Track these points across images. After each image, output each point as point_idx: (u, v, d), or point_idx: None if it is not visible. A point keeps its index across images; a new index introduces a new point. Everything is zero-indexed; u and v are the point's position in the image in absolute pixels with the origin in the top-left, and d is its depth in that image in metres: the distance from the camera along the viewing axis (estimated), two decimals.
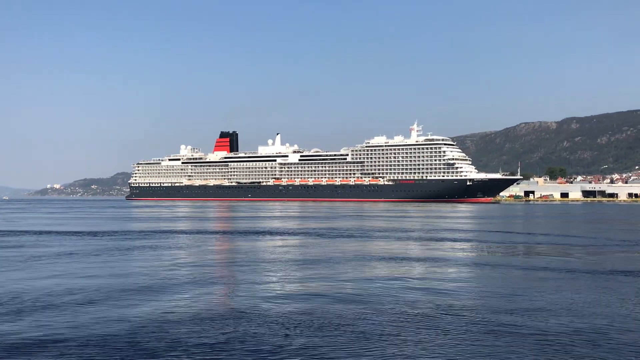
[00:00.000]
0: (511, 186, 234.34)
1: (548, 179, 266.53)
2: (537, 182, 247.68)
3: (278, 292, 16.59)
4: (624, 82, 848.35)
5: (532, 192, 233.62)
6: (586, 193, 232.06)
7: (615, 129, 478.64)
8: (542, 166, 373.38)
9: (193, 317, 13.14)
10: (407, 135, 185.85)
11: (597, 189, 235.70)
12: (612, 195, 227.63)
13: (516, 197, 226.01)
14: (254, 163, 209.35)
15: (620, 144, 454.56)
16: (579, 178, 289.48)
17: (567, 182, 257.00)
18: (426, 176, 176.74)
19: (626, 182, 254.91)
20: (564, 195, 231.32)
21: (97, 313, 13.53)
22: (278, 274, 20.11)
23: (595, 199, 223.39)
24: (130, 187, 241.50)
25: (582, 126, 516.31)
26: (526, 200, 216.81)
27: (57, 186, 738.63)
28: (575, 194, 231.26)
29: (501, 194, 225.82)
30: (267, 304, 14.75)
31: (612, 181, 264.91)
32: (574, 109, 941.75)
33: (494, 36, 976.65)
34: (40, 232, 40.73)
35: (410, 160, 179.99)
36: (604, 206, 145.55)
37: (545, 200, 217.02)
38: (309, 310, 13.88)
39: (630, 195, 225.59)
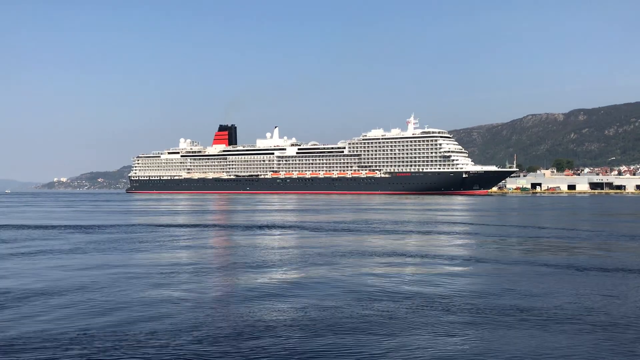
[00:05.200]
0: (518, 178, 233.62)
1: (555, 171, 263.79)
2: (544, 174, 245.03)
3: (275, 287, 15.92)
4: (631, 74, 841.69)
5: (539, 185, 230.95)
6: (593, 185, 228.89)
7: (623, 120, 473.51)
8: (549, 158, 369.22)
9: (187, 311, 12.80)
10: (405, 128, 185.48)
11: (604, 181, 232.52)
12: (619, 187, 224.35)
13: (523, 189, 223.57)
14: (252, 156, 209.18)
15: (628, 135, 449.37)
16: (586, 170, 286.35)
17: (574, 174, 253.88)
18: (422, 169, 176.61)
19: (634, 174, 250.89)
20: (571, 187, 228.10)
21: (90, 304, 13.35)
22: (276, 268, 19.51)
23: (602, 191, 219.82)
24: (131, 180, 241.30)
25: (589, 118, 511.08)
26: (533, 193, 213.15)
27: (63, 179, 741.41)
28: (582, 186, 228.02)
29: (508, 186, 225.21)
30: (263, 297, 14.39)
31: (619, 173, 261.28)
32: (581, 100, 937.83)
33: (501, 28, 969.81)
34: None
35: (407, 153, 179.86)
36: (610, 198, 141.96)
37: (552, 193, 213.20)
38: (306, 306, 13.36)
39: (638, 187, 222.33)
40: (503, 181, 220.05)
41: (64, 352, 9.74)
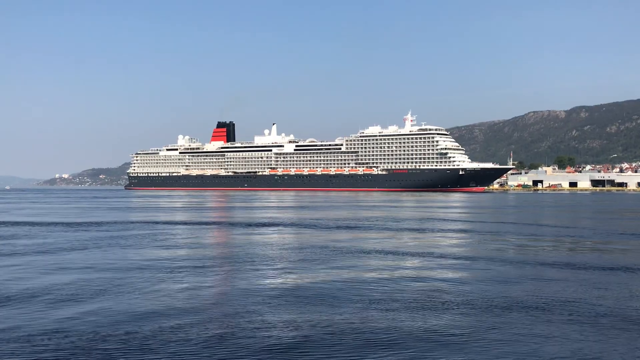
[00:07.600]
0: (520, 175, 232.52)
1: (557, 168, 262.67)
2: (546, 171, 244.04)
3: (274, 284, 15.81)
4: (633, 71, 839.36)
5: (541, 182, 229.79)
6: (595, 182, 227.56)
7: (625, 117, 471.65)
8: (550, 155, 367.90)
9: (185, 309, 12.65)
10: (402, 125, 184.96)
11: (606, 178, 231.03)
12: (621, 184, 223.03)
13: (524, 186, 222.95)
14: (250, 153, 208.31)
15: (630, 132, 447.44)
16: (588, 167, 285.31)
17: (575, 171, 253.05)
18: (419, 166, 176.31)
19: (636, 171, 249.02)
20: (573, 184, 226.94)
21: (89, 305, 12.96)
22: (274, 266, 19.21)
23: (604, 188, 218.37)
24: (129, 177, 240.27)
25: (591, 115, 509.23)
26: (534, 190, 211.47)
27: (65, 176, 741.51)
28: (584, 183, 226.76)
29: (509, 183, 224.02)
30: (262, 294, 14.30)
31: (621, 170, 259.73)
32: (583, 97, 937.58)
33: (502, 24, 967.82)
34: None
35: (404, 150, 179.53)
36: (612, 196, 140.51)
37: (554, 190, 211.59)
38: (303, 305, 13.13)
39: (639, 184, 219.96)
40: (504, 178, 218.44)
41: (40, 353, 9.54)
